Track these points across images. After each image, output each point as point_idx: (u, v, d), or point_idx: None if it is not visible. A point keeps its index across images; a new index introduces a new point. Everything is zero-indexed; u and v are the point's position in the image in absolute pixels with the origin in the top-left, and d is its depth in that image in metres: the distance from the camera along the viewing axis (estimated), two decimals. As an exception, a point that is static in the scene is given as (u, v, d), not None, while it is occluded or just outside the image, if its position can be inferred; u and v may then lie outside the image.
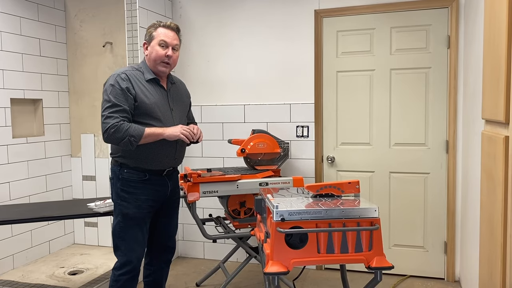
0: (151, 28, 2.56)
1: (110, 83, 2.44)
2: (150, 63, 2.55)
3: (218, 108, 4.05)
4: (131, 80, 2.46)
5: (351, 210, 2.01)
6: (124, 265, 2.52)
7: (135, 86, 2.46)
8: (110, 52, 4.31)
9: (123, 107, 2.40)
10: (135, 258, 2.54)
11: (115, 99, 2.39)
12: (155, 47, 2.51)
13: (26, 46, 4.00)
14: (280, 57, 3.84)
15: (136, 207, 2.51)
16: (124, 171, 2.51)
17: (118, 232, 2.53)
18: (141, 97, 2.46)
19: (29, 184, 4.04)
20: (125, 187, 2.51)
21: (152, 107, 2.49)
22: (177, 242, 4.26)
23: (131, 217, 2.51)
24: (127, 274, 2.53)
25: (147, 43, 2.56)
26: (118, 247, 2.55)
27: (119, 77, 2.44)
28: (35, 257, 4.12)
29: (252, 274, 3.73)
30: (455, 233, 3.52)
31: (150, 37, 2.54)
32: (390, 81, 3.59)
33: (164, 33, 2.52)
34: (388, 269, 2.00)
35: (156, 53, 2.51)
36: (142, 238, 2.56)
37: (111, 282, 2.56)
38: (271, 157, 3.40)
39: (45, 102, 4.21)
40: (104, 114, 2.40)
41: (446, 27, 3.44)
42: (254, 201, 2.42)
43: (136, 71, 2.53)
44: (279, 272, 1.93)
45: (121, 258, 2.53)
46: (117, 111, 2.38)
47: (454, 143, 3.46)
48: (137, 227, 2.54)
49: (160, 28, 2.54)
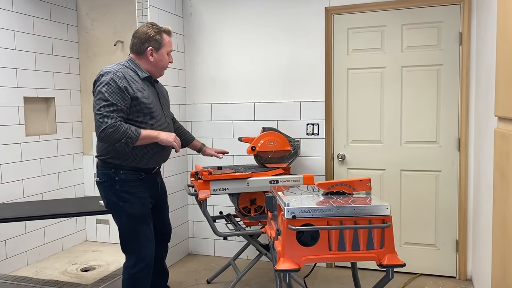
0: (156, 34, 2.54)
1: (106, 81, 2.39)
2: (152, 68, 2.57)
3: (228, 106, 4.05)
4: (127, 79, 2.44)
5: (363, 207, 2.00)
6: (139, 263, 2.54)
7: (132, 85, 2.45)
8: (121, 51, 4.34)
9: (120, 106, 2.38)
10: (149, 255, 2.57)
11: (112, 98, 2.36)
12: (165, 56, 2.58)
13: (39, 45, 4.04)
14: (290, 54, 3.84)
15: (141, 205, 2.54)
16: (120, 172, 2.50)
17: (128, 233, 2.55)
18: (138, 96, 2.46)
19: (42, 181, 4.09)
20: (125, 188, 2.50)
21: (149, 106, 2.51)
22: (188, 240, 4.29)
23: (138, 216, 2.53)
24: (142, 270, 2.55)
25: (153, 49, 2.54)
26: (129, 247, 2.56)
27: (115, 76, 2.40)
28: (48, 253, 4.18)
29: (262, 271, 3.74)
30: (467, 231, 3.50)
31: (158, 44, 2.55)
32: (401, 78, 3.57)
33: (170, 42, 2.61)
34: (399, 267, 2.00)
35: (166, 61, 2.60)
36: (151, 234, 2.60)
37: (126, 281, 2.56)
38: (281, 155, 3.40)
39: (58, 101, 4.26)
40: (100, 113, 2.35)
41: (458, 23, 3.41)
42: (265, 198, 2.42)
43: (128, 69, 2.51)
44: (290, 269, 1.94)
45: (134, 256, 2.55)
46: (114, 110, 2.36)
47: (466, 141, 3.44)
48: (145, 224, 2.57)
49: (165, 35, 2.58)
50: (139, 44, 2.55)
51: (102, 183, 2.54)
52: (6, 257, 3.73)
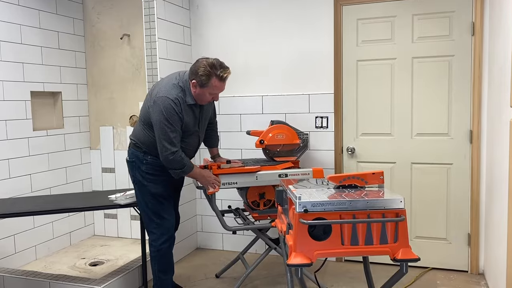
0: (203, 75, 2.60)
1: (167, 107, 2.57)
2: (194, 96, 2.69)
3: (236, 100, 4.01)
4: (181, 106, 2.63)
5: (376, 201, 1.96)
6: (163, 234, 2.82)
7: (183, 111, 2.66)
8: (127, 44, 4.31)
9: (179, 131, 2.64)
10: (171, 226, 2.87)
11: (173, 123, 2.60)
12: (206, 95, 2.68)
13: (45, 39, 4.02)
14: (299, 46, 3.78)
15: (163, 186, 2.81)
16: (148, 156, 2.79)
17: (152, 209, 2.81)
18: (186, 121, 2.70)
19: (50, 176, 4.08)
20: (151, 170, 2.79)
21: (188, 128, 2.75)
22: (196, 234, 4.27)
23: (161, 195, 2.80)
24: (167, 242, 2.84)
25: (197, 83, 2.64)
26: (153, 221, 2.82)
27: (174, 103, 2.59)
28: (57, 248, 4.18)
29: (271, 265, 3.72)
30: (479, 225, 3.44)
31: (202, 83, 2.62)
32: (412, 70, 3.51)
33: (217, 86, 2.65)
34: (414, 261, 1.96)
35: (206, 99, 2.71)
36: (171, 210, 2.89)
37: (153, 254, 2.85)
38: (290, 148, 3.36)
39: (64, 95, 4.24)
40: (164, 137, 2.60)
41: (470, 13, 3.34)
42: (275, 192, 2.39)
43: (182, 93, 2.65)
44: (302, 264, 1.91)
45: (158, 230, 2.82)
46: (176, 137, 2.62)
47: (479, 133, 3.38)
48: (166, 201, 2.85)
49: (214, 79, 2.62)
50: (191, 73, 2.68)
51: (131, 162, 2.84)
52: (15, 251, 3.74)
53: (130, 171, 2.89)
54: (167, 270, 2.88)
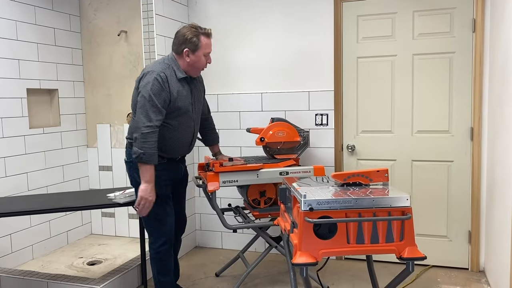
0: (193, 37, 2.63)
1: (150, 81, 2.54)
2: (189, 68, 2.68)
3: (235, 97, 3.98)
4: (168, 80, 2.59)
5: (382, 199, 1.94)
6: (161, 237, 2.75)
7: (171, 86, 2.60)
8: (125, 41, 4.26)
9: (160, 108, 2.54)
10: (169, 228, 2.78)
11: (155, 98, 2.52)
12: (201, 58, 2.67)
13: (41, 36, 3.96)
14: (298, 43, 3.75)
15: (162, 187, 2.70)
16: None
17: (150, 211, 2.67)
18: (175, 96, 2.62)
19: (46, 174, 4.03)
20: None
21: (180, 106, 2.67)
22: (195, 232, 4.24)
23: (157, 195, 2.65)
24: (165, 244, 2.76)
25: (189, 50, 2.64)
26: (151, 224, 2.76)
27: (159, 76, 2.56)
28: (54, 247, 4.13)
29: (271, 263, 3.69)
30: (480, 222, 3.44)
31: (194, 46, 2.64)
32: (412, 66, 3.49)
33: (208, 44, 2.69)
34: (420, 260, 1.94)
35: (202, 63, 2.69)
36: (170, 210, 2.79)
37: (152, 255, 2.79)
38: (291, 146, 3.33)
39: (61, 92, 4.18)
40: (142, 110, 2.52)
41: (471, 10, 3.32)
42: (278, 190, 2.36)
43: (170, 69, 2.64)
44: (308, 263, 1.88)
45: (156, 232, 2.76)
46: (155, 112, 2.53)
47: (480, 130, 3.36)
48: (164, 202, 2.74)
49: (203, 37, 2.66)
50: (177, 45, 2.68)
51: (129, 163, 2.78)
52: (12, 251, 3.68)
53: (128, 172, 2.83)
54: (166, 272, 2.82)
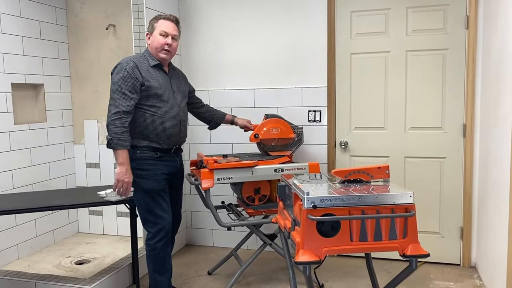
0: (153, 20, 2.79)
1: (119, 70, 2.63)
2: (153, 51, 2.77)
3: (227, 93, 3.92)
4: (138, 66, 2.66)
5: (386, 196, 1.92)
6: (158, 233, 2.72)
7: (142, 72, 2.66)
8: (113, 35, 4.16)
9: (129, 94, 2.59)
10: (166, 223, 2.75)
11: (123, 85, 2.58)
12: (157, 37, 2.74)
13: (26, 29, 3.83)
14: (292, 38, 3.71)
15: (155, 181, 2.71)
16: (137, 151, 2.70)
17: (145, 206, 2.73)
18: (148, 81, 2.67)
19: (32, 172, 3.91)
20: (140, 166, 2.70)
21: (158, 90, 2.70)
22: (185, 230, 4.18)
23: (153, 190, 2.71)
24: (162, 240, 2.74)
25: (149, 33, 2.79)
26: (148, 220, 2.75)
27: (127, 65, 2.63)
28: (40, 246, 4.02)
29: (264, 261, 3.66)
30: (472, 219, 3.46)
31: (152, 28, 2.78)
32: (406, 63, 3.49)
33: (164, 25, 2.76)
34: (424, 257, 1.93)
35: (158, 42, 2.73)
36: (167, 206, 2.78)
37: (148, 253, 2.76)
38: (285, 143, 3.29)
39: (47, 87, 4.06)
40: (112, 99, 2.60)
41: (464, 7, 3.33)
42: (277, 187, 2.33)
43: (141, 58, 2.75)
44: (311, 262, 1.85)
45: (152, 227, 2.73)
46: (124, 98, 2.58)
47: (472, 127, 3.38)
48: (160, 197, 2.74)
49: (161, 20, 2.77)
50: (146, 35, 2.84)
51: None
52: (-4, 251, 3.58)
53: None
54: (162, 270, 2.78)
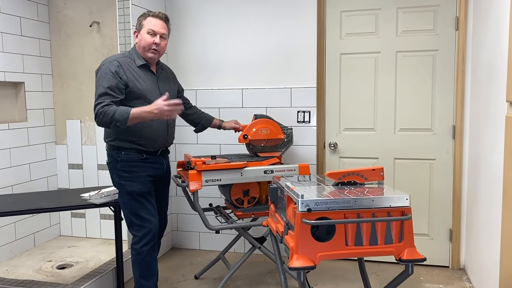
0: (141, 17, 2.68)
1: (101, 70, 2.55)
2: (140, 50, 2.67)
3: (214, 92, 3.85)
4: (123, 66, 2.56)
5: (382, 198, 1.87)
6: (144, 237, 2.64)
7: (127, 72, 2.56)
8: (97, 33, 4.04)
9: (110, 92, 2.48)
10: (153, 227, 2.67)
11: (104, 83, 2.48)
12: (144, 35, 2.63)
13: (6, 25, 3.69)
14: (281, 38, 3.66)
15: (140, 183, 2.64)
16: (122, 153, 2.63)
17: (130, 209, 2.65)
18: (133, 82, 2.57)
19: (12, 173, 3.78)
20: (125, 168, 2.63)
21: (144, 92, 2.60)
22: (171, 233, 4.09)
23: (138, 193, 2.63)
24: (148, 244, 2.65)
25: (137, 31, 2.69)
26: (133, 223, 2.66)
27: (111, 64, 2.54)
28: (20, 250, 3.88)
29: (252, 264, 3.59)
30: (461, 220, 3.45)
31: (140, 25, 2.67)
32: (396, 64, 3.46)
33: (152, 23, 2.64)
34: (420, 262, 1.88)
35: (145, 41, 2.62)
36: (153, 209, 2.70)
37: (134, 257, 2.68)
38: (275, 144, 3.23)
39: (28, 86, 3.92)
40: (95, 101, 2.50)
41: (454, 8, 3.32)
42: (269, 189, 2.26)
43: (127, 58, 2.64)
44: (305, 267, 1.79)
45: (138, 231, 2.65)
46: (104, 95, 2.48)
47: (462, 129, 3.37)
48: (146, 200, 2.67)
49: (149, 17, 2.66)
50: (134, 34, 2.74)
51: (109, 164, 2.73)
52: (-26, 255, 3.43)
53: (110, 174, 2.76)
54: (148, 275, 2.69)
